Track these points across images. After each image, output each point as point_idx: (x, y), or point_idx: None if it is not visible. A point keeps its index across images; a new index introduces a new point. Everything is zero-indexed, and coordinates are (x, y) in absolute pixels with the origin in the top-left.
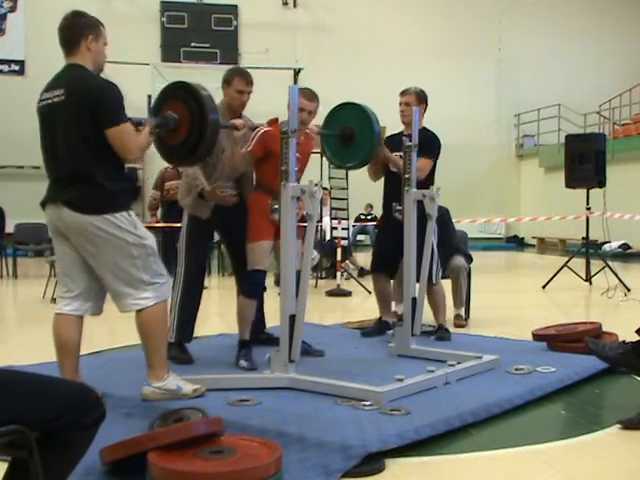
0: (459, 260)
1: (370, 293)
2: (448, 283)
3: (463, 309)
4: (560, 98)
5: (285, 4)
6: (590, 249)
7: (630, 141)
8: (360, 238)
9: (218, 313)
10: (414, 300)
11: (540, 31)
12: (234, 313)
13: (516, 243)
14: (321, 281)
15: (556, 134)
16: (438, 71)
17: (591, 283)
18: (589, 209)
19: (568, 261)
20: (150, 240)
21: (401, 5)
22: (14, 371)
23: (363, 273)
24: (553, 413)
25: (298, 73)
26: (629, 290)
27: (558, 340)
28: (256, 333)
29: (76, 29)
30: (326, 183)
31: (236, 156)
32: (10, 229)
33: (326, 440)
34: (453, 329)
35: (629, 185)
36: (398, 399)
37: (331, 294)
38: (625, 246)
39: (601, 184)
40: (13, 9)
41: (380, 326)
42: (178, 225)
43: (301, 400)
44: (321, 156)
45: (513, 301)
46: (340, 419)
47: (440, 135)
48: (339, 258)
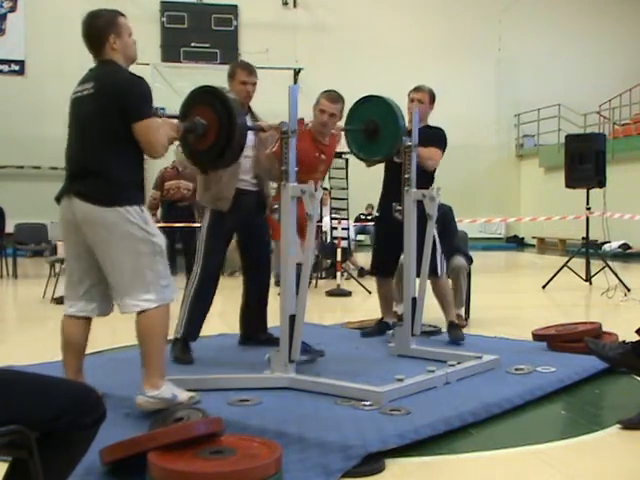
0: (459, 260)
1: (370, 293)
2: (448, 283)
3: (463, 309)
4: (560, 98)
5: (285, 4)
6: (590, 249)
7: (630, 141)
8: (360, 238)
9: (219, 313)
10: (414, 300)
11: (540, 31)
12: (235, 313)
13: (516, 243)
14: (321, 281)
15: (556, 134)
16: (438, 71)
17: (591, 283)
18: (589, 209)
19: (568, 261)
20: (159, 238)
21: (401, 5)
22: (14, 371)
23: (363, 273)
24: (553, 413)
25: (298, 73)
26: (629, 290)
27: (558, 340)
28: (257, 333)
29: (96, 33)
30: (326, 183)
31: (261, 157)
32: (10, 229)
33: (326, 440)
34: None
35: (629, 185)
36: (398, 399)
37: (331, 294)
38: (625, 246)
39: (601, 184)
40: (13, 9)
41: (381, 326)
42: (178, 225)
43: (301, 400)
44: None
45: (513, 301)
46: (340, 419)
47: None
48: (339, 258)
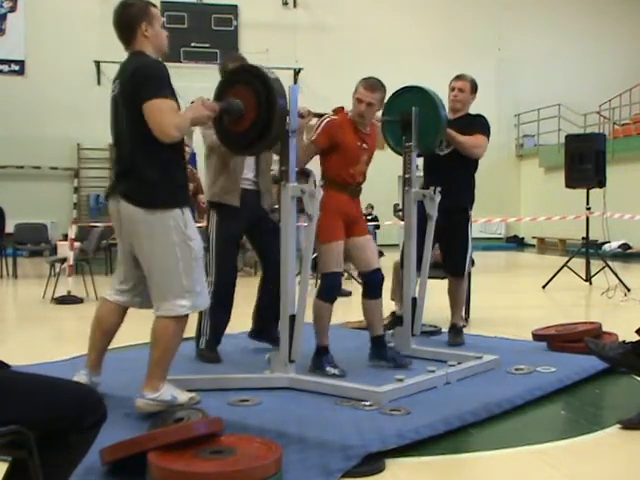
0: None
1: None
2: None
3: (463, 309)
4: (560, 98)
5: (285, 4)
6: (590, 249)
7: (630, 141)
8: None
9: None
10: (414, 300)
11: (540, 31)
12: (236, 313)
13: (516, 243)
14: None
15: (556, 134)
16: (438, 71)
17: (591, 283)
18: (589, 209)
19: (568, 261)
20: (197, 243)
21: (401, 5)
22: (16, 371)
23: None
24: (553, 413)
25: (298, 73)
26: (629, 290)
27: (558, 340)
28: (269, 330)
29: (128, 20)
30: None
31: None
32: (10, 229)
33: (326, 440)
34: None
35: (629, 185)
36: (398, 399)
37: None
38: (625, 246)
39: (601, 184)
40: (13, 9)
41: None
42: None
43: (301, 400)
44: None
45: (513, 301)
46: (340, 419)
47: None
48: None
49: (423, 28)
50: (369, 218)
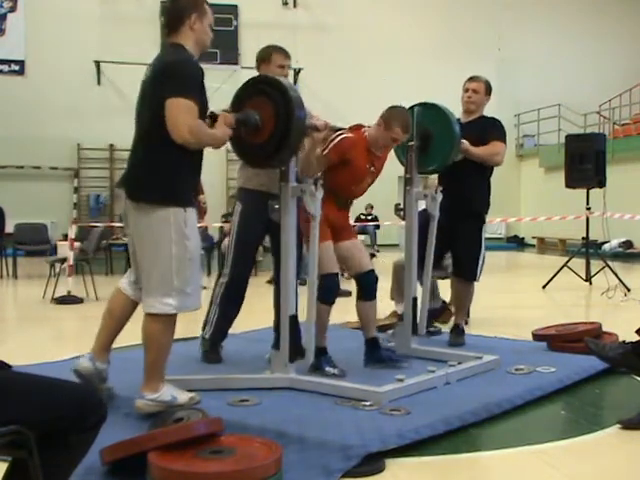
0: None
1: None
2: (448, 283)
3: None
4: (560, 98)
5: (285, 4)
6: (590, 249)
7: (630, 141)
8: (360, 238)
9: None
10: (414, 300)
11: (540, 31)
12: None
13: (516, 243)
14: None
15: (556, 134)
16: (438, 71)
17: (591, 283)
18: (589, 209)
19: (568, 261)
20: (193, 242)
21: (401, 5)
22: (16, 372)
23: None
24: (553, 413)
25: (298, 73)
26: (629, 290)
27: (558, 340)
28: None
29: (179, 9)
30: None
31: (311, 157)
32: (10, 229)
33: (326, 440)
34: None
35: (629, 185)
36: (398, 399)
37: None
38: (627, 244)
39: (601, 184)
40: (13, 9)
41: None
42: None
43: (301, 400)
44: None
45: (513, 301)
46: (340, 419)
47: None
48: None
49: (423, 28)
50: (369, 218)
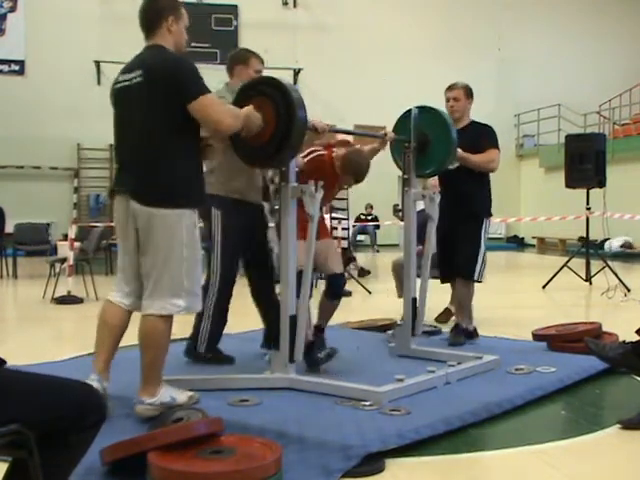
0: None
1: (370, 293)
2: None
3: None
4: (560, 98)
5: (285, 4)
6: (590, 249)
7: (630, 141)
8: (360, 238)
9: None
10: (414, 300)
11: (540, 31)
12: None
13: (516, 243)
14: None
15: (556, 134)
16: (438, 71)
17: (591, 283)
18: (589, 209)
19: (568, 261)
20: (200, 244)
21: (401, 5)
22: (16, 371)
23: (363, 273)
24: (553, 413)
25: (298, 73)
26: (629, 290)
27: (558, 340)
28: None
29: (156, 10)
30: None
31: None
32: (10, 229)
33: (326, 440)
34: None
35: (629, 185)
36: (398, 399)
37: None
38: (628, 244)
39: (601, 184)
40: (13, 9)
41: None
42: None
43: (301, 400)
44: None
45: (513, 301)
46: (340, 419)
47: None
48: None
49: (423, 28)
50: (369, 218)
